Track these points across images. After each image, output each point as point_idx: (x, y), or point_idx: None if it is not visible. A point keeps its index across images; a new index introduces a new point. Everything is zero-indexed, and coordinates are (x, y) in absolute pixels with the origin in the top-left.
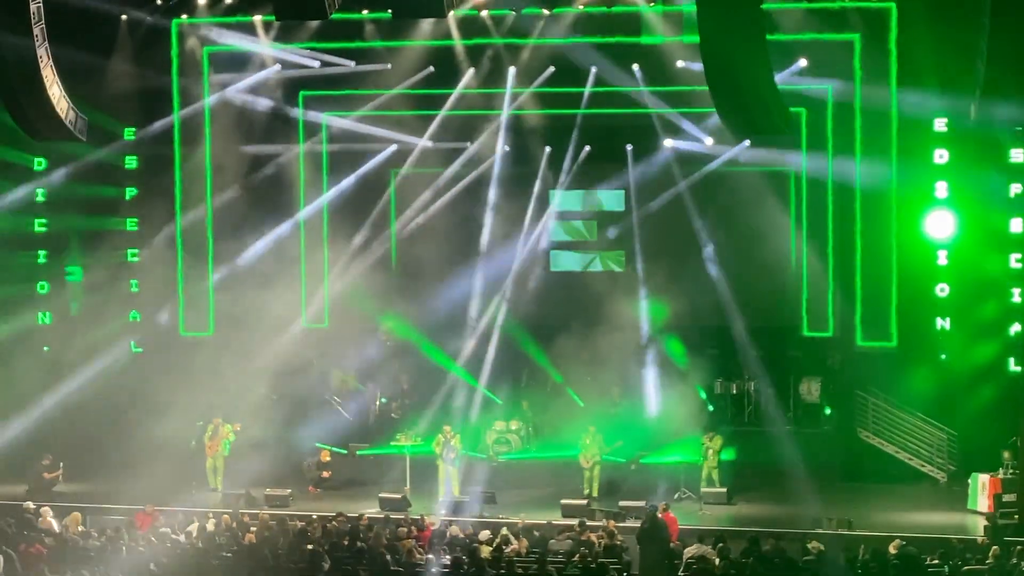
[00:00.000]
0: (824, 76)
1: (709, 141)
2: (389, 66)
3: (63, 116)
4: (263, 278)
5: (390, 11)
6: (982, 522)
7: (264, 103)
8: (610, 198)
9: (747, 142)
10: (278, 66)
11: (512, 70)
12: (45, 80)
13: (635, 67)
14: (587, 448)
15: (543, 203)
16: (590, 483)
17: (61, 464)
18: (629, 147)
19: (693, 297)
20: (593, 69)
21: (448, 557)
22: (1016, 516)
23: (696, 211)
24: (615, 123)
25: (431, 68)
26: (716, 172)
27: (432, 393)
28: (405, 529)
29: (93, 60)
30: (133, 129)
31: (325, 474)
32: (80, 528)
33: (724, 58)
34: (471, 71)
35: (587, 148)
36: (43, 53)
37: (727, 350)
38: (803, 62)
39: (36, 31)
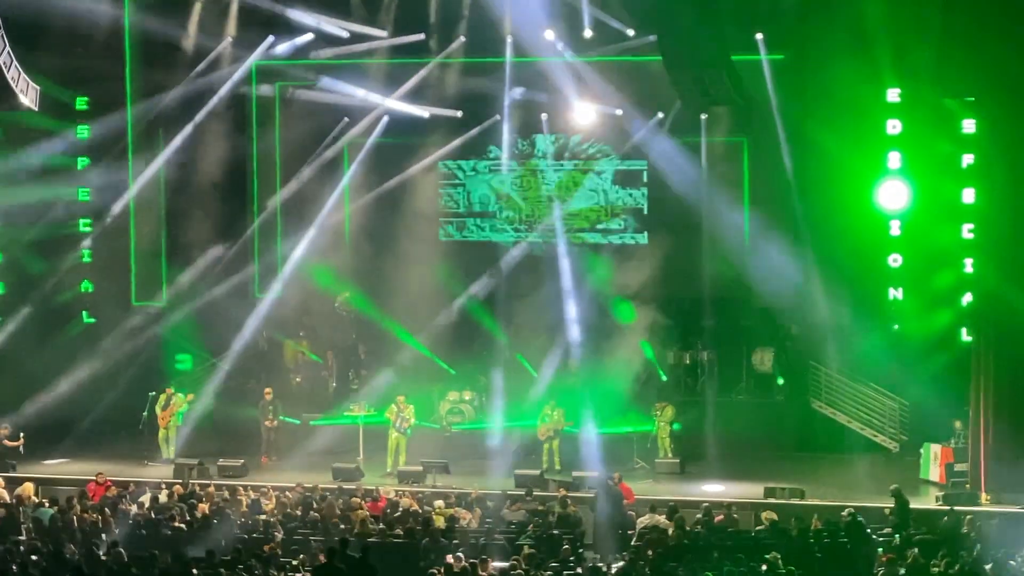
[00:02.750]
0: (776, 48)
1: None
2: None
3: (13, 84)
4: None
5: None
6: (934, 491)
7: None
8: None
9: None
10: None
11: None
12: None
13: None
14: (547, 421)
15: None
16: (550, 456)
17: (21, 433)
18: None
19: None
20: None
21: (401, 527)
22: (968, 485)
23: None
24: None
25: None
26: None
27: (388, 363)
28: (358, 499)
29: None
30: (85, 99)
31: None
32: (32, 499)
33: (679, 31)
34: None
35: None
36: None
37: (680, 320)
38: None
39: None
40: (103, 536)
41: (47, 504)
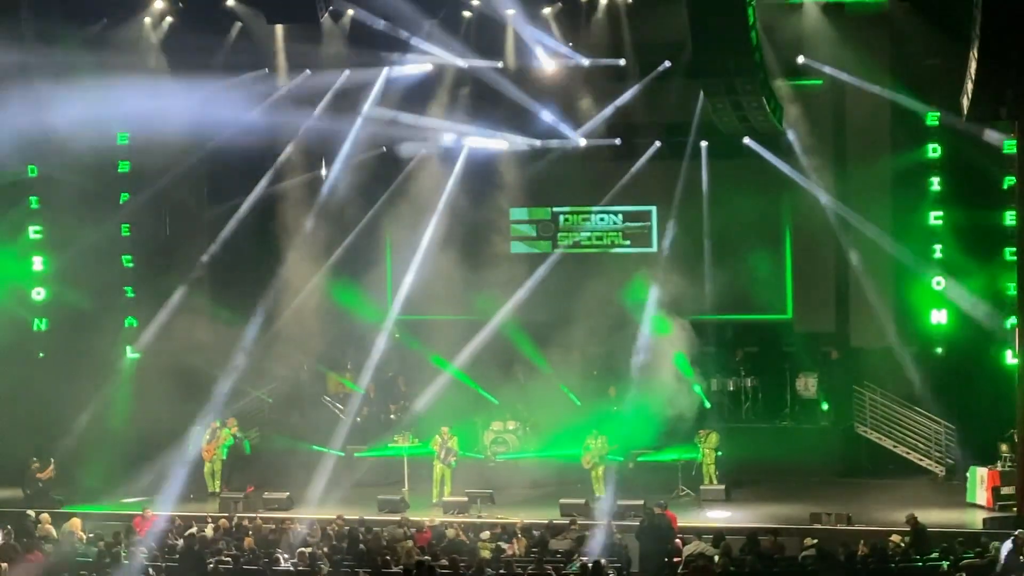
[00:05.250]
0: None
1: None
2: None
3: None
4: None
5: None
6: (981, 515)
7: None
8: None
9: None
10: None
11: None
12: None
13: None
14: (591, 450)
15: None
16: (597, 484)
17: (52, 460)
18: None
19: (689, 295)
20: None
21: (447, 558)
22: (1015, 508)
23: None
24: None
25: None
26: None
27: (430, 394)
28: (403, 530)
29: None
30: None
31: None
32: (79, 534)
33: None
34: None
35: None
36: None
37: (723, 347)
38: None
39: None
40: (150, 572)
41: (94, 539)
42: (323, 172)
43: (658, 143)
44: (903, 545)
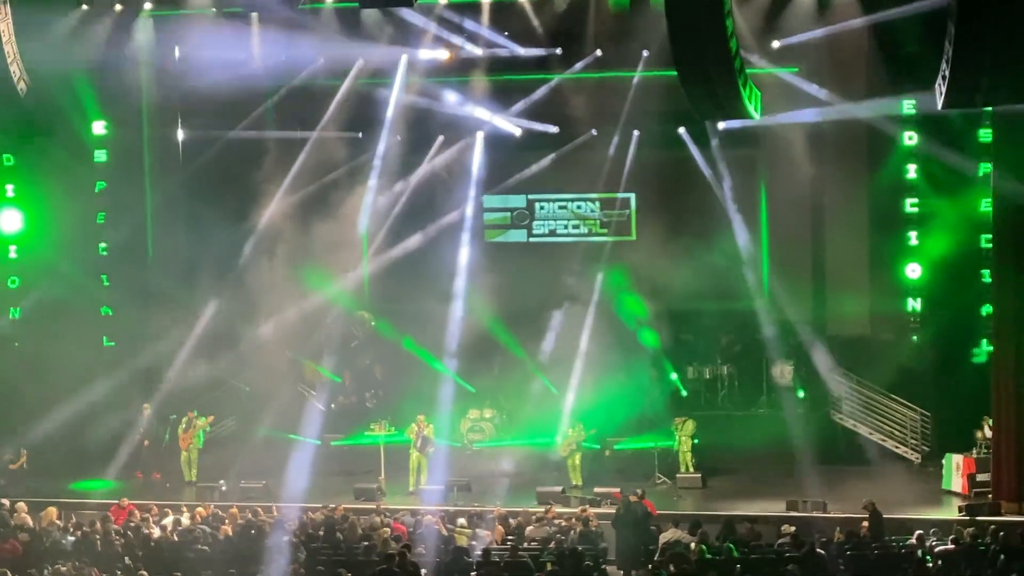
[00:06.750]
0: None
1: None
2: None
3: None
4: None
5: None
6: (957, 502)
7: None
8: None
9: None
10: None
11: None
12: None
13: None
14: (567, 438)
15: None
16: (574, 472)
17: (23, 450)
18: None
19: (667, 283)
20: None
21: (424, 546)
22: (990, 495)
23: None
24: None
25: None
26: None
27: (406, 382)
28: (380, 519)
29: None
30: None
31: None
32: (56, 523)
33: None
34: None
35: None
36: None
37: (700, 335)
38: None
39: None
40: (126, 560)
41: (71, 528)
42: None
43: (637, 132)
44: (862, 531)
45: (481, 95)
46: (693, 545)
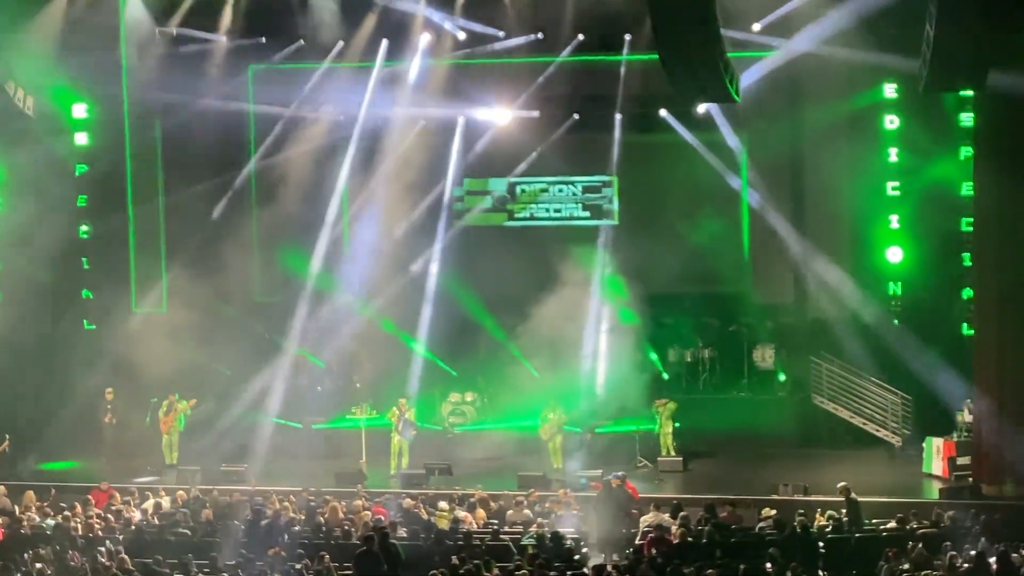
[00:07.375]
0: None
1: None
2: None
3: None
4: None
5: None
6: (937, 485)
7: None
8: None
9: None
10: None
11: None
12: None
13: None
14: (548, 421)
15: None
16: (554, 455)
17: (6, 436)
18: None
19: (648, 266)
20: None
21: (405, 529)
22: (970, 479)
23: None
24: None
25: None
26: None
27: (388, 366)
28: (361, 502)
29: None
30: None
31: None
32: (35, 507)
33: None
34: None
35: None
36: None
37: (681, 318)
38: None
39: None
40: (107, 543)
41: (51, 512)
42: None
43: (619, 115)
44: (837, 516)
45: (462, 79)
46: (674, 528)
